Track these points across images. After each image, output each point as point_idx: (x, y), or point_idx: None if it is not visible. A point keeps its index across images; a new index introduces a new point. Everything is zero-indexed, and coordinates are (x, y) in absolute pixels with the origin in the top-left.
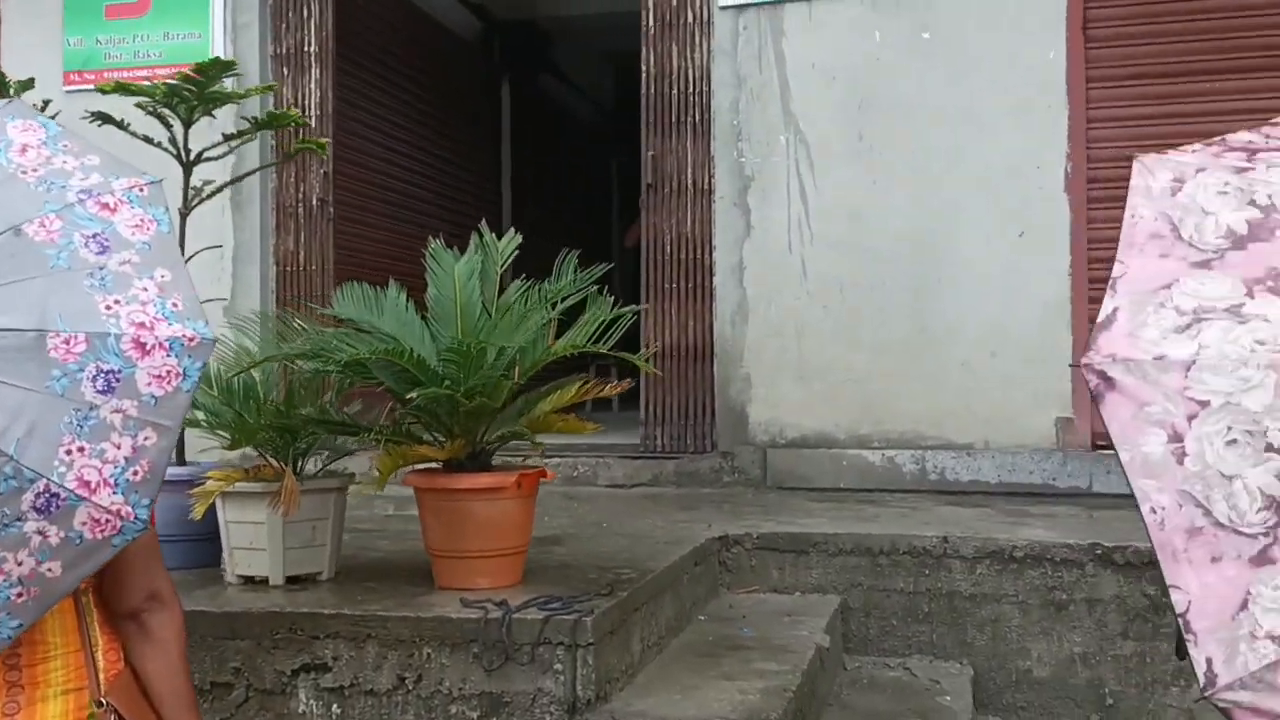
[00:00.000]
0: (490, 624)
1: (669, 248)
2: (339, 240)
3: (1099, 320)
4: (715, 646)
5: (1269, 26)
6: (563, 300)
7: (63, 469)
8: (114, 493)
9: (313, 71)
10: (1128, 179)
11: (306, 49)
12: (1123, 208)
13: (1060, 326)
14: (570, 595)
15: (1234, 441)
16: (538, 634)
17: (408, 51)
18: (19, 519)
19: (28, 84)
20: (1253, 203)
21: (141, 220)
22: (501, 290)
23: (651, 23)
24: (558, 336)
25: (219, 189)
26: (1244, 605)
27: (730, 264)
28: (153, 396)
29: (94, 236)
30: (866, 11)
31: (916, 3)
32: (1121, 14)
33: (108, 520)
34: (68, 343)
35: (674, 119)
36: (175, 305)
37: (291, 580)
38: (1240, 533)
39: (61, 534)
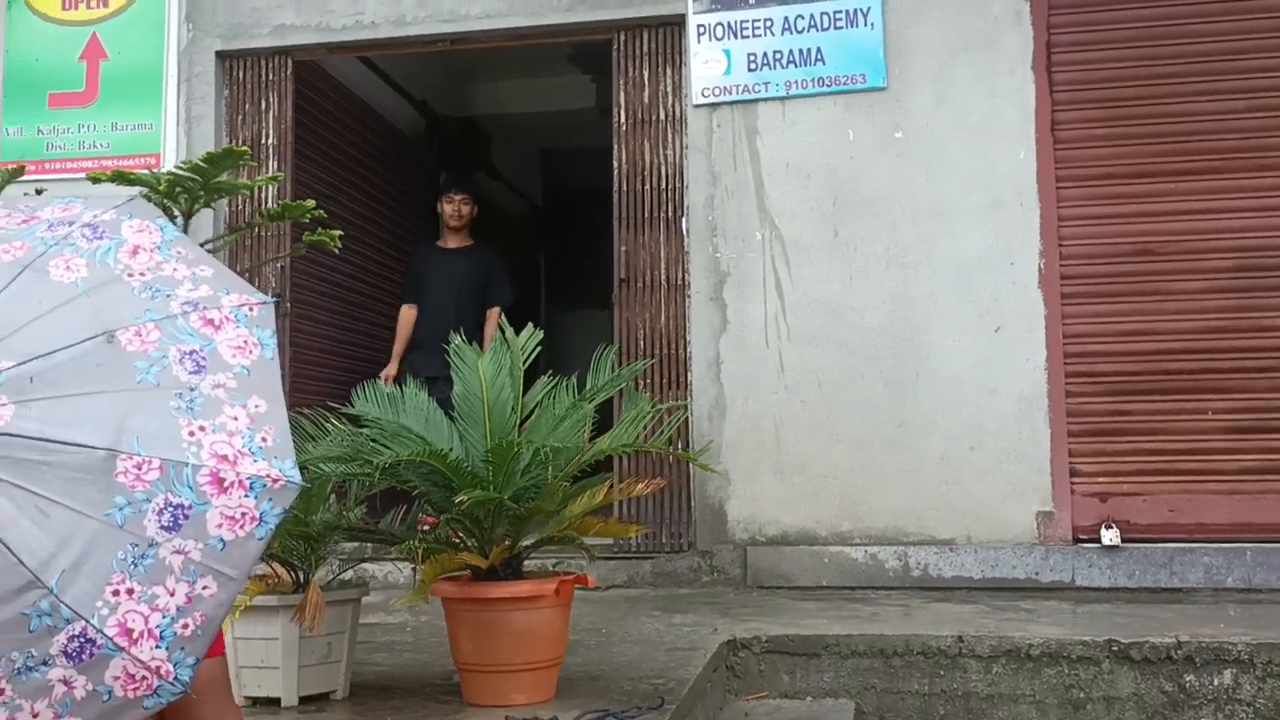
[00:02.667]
0: None
1: (643, 343)
2: (294, 337)
3: None
4: None
5: (1231, 130)
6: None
7: (105, 611)
8: (157, 646)
9: (270, 164)
10: (1099, 276)
11: (264, 141)
12: (1096, 303)
13: (1038, 420)
14: (622, 709)
15: None
16: None
17: (358, 146)
18: (45, 662)
19: (17, 171)
20: None
21: (245, 342)
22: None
23: (623, 119)
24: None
25: None
26: None
27: (707, 359)
28: (221, 540)
29: (191, 353)
30: (840, 111)
31: (889, 103)
32: (1088, 117)
33: (144, 678)
34: (140, 468)
35: (647, 214)
36: (265, 440)
37: (305, 700)
38: None
39: (89, 686)
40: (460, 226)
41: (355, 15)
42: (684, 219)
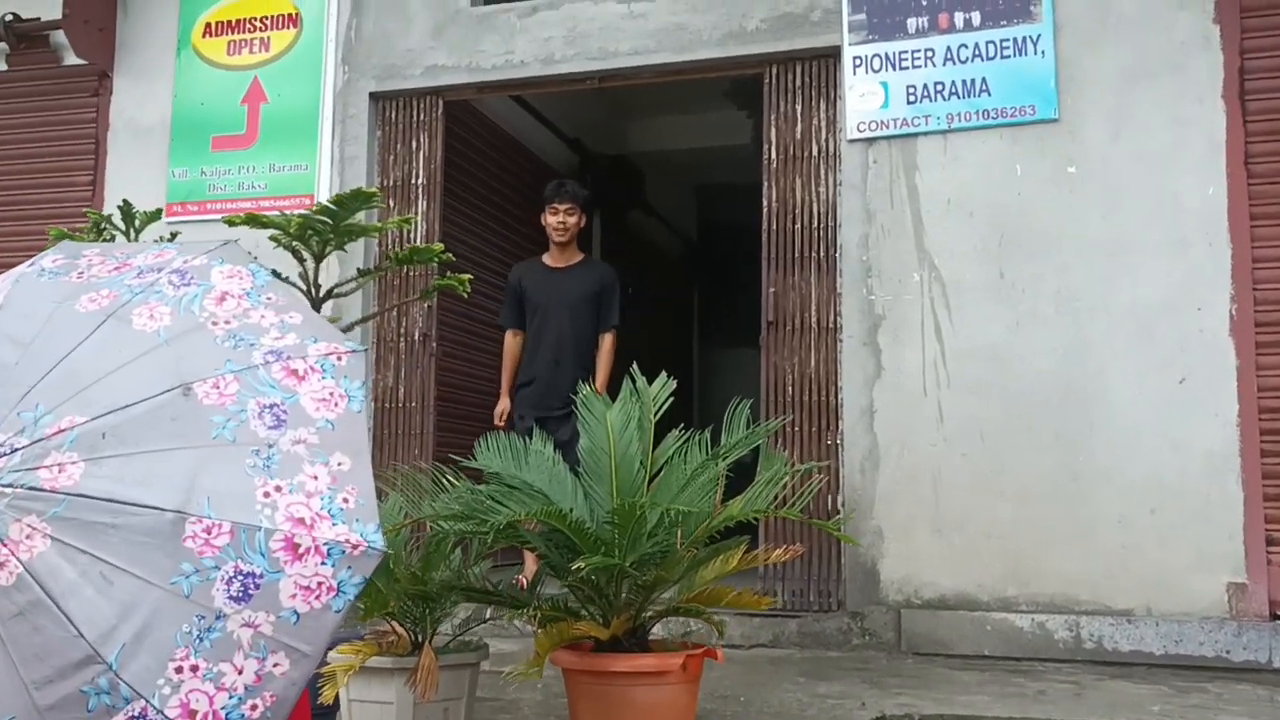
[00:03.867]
0: None
1: (791, 389)
2: (440, 376)
3: None
4: None
5: None
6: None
7: (167, 690)
8: None
9: (420, 203)
10: None
11: (414, 181)
12: None
13: (1229, 480)
14: None
15: None
16: None
17: (507, 184)
18: None
19: (155, 215)
20: None
21: (331, 394)
22: (655, 441)
23: (774, 155)
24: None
25: (351, 327)
26: None
27: (859, 407)
28: (295, 613)
29: (271, 407)
30: (1007, 145)
31: (1061, 136)
32: None
33: None
34: (209, 531)
35: (797, 254)
36: (346, 502)
37: None
38: None
39: None
40: (567, 240)
41: (505, 55)
42: (837, 259)
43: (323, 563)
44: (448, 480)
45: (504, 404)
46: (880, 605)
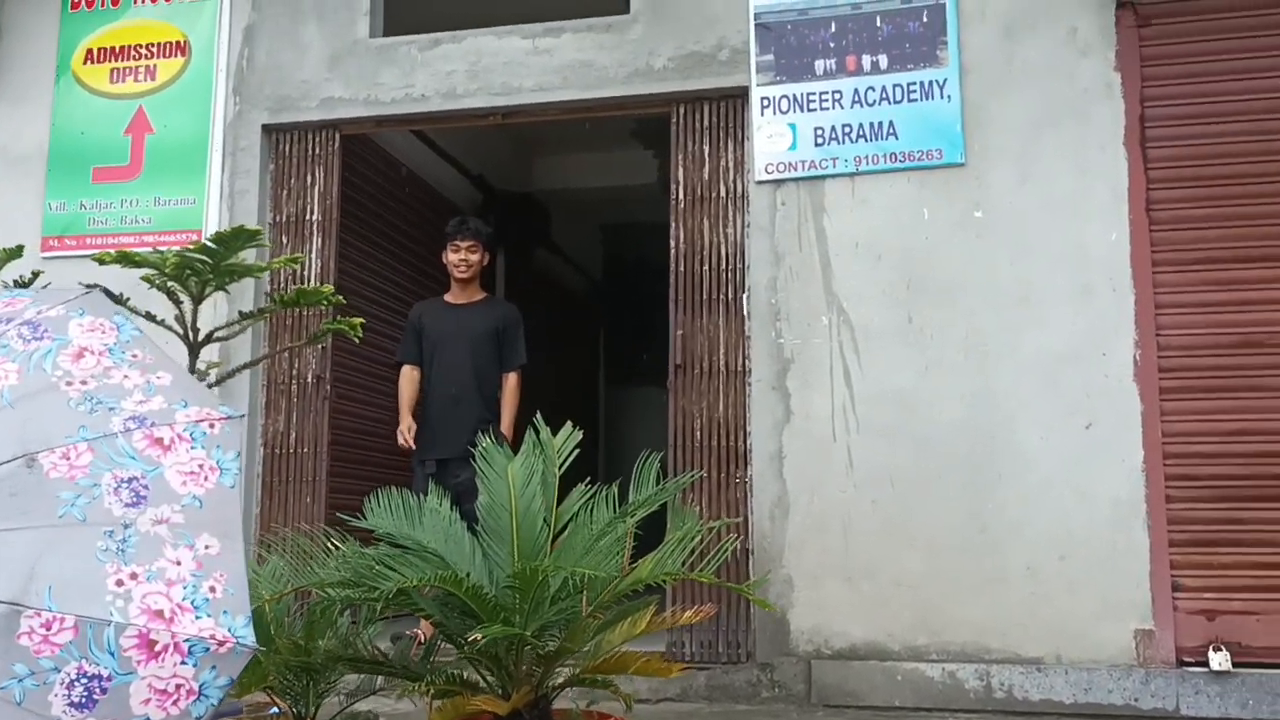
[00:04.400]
0: None
1: (699, 433)
2: (334, 420)
3: None
4: None
5: None
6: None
7: None
8: None
9: (314, 240)
10: (1202, 369)
11: (309, 217)
12: (1199, 399)
13: (1135, 528)
14: None
15: None
16: None
17: (408, 221)
18: None
19: (15, 252)
20: None
21: (200, 466)
22: (561, 492)
23: (682, 195)
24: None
25: (233, 373)
26: None
27: (768, 452)
28: None
29: (129, 481)
30: (914, 189)
31: (968, 180)
32: (1187, 196)
33: None
34: (49, 626)
35: (705, 296)
36: (213, 591)
37: None
38: None
39: None
40: (469, 278)
41: (405, 88)
42: (745, 301)
43: (182, 662)
44: (333, 545)
45: (407, 420)
46: (790, 656)
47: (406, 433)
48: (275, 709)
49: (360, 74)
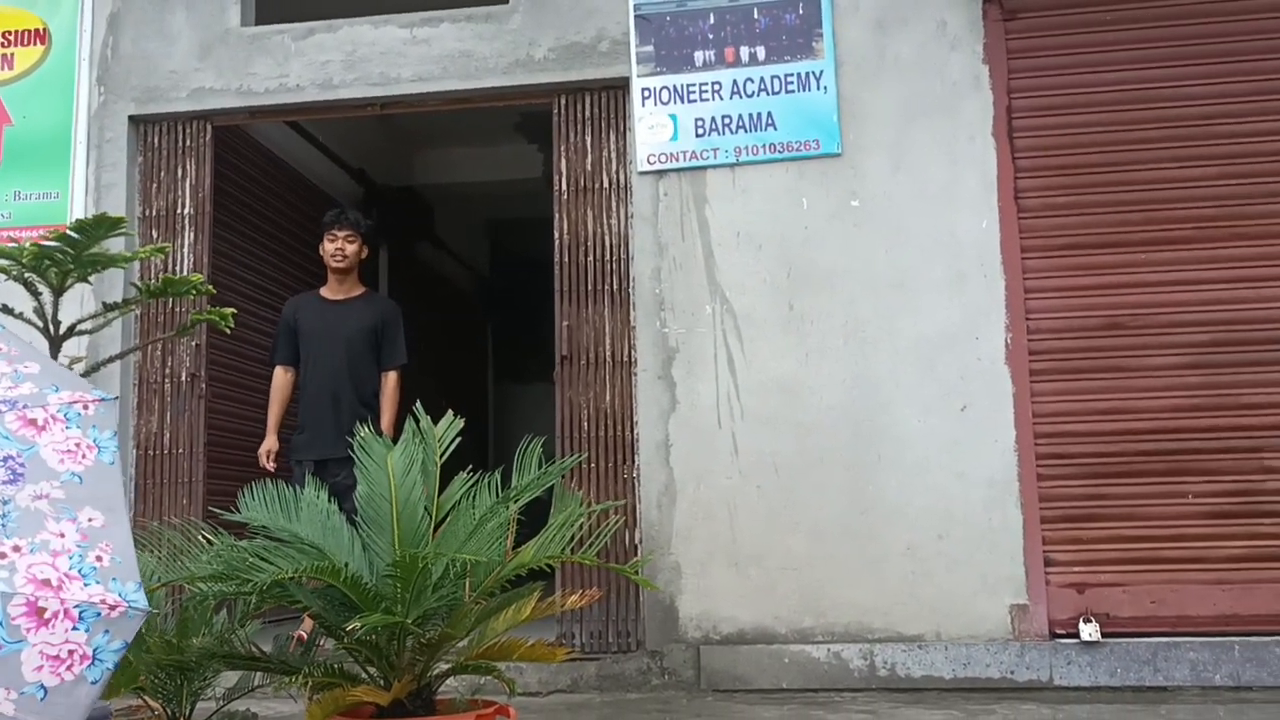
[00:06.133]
0: None
1: (587, 424)
2: (210, 419)
3: None
4: None
5: (1203, 199)
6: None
7: None
8: None
9: (186, 235)
10: (1069, 351)
11: (180, 210)
12: (1067, 380)
13: (1009, 506)
14: None
15: None
16: None
17: (286, 215)
18: None
19: None
20: None
21: (77, 445)
22: (442, 484)
23: (565, 187)
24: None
25: (97, 367)
26: None
27: (655, 441)
28: (41, 687)
29: (5, 460)
30: (793, 179)
31: (844, 170)
32: (1053, 185)
33: None
34: None
35: (590, 287)
36: (100, 560)
37: None
38: None
39: None
40: (345, 268)
41: (279, 78)
42: (630, 292)
43: (74, 628)
44: (204, 537)
45: (270, 442)
46: (680, 643)
47: (266, 456)
48: None
49: (232, 64)
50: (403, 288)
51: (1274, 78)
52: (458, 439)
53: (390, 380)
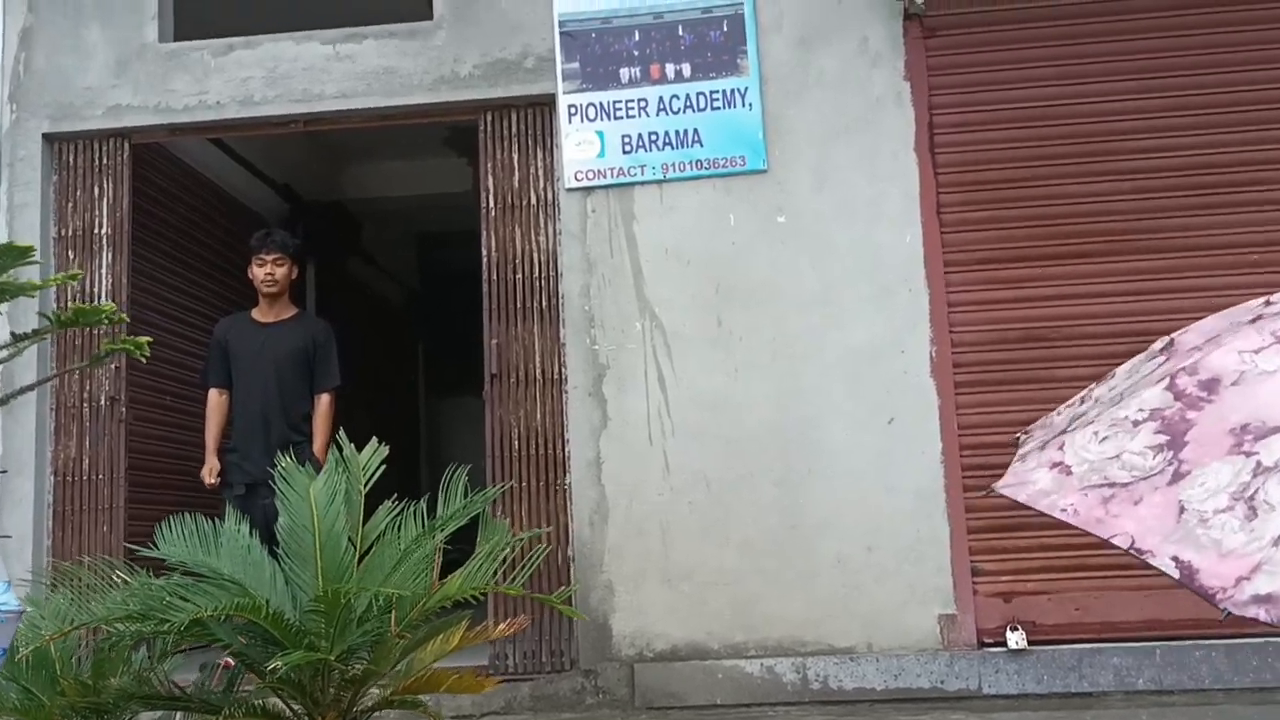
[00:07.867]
0: None
1: (517, 442)
2: (132, 444)
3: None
4: None
5: (1118, 212)
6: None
7: None
8: None
9: (104, 255)
10: (992, 363)
11: (97, 231)
12: (990, 392)
13: (936, 517)
14: None
15: (1105, 439)
16: None
17: (210, 234)
18: None
19: None
20: None
21: None
22: (370, 507)
23: (492, 204)
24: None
25: (8, 399)
26: (1181, 511)
27: (587, 459)
28: None
29: None
30: (720, 195)
31: (770, 186)
32: (973, 199)
33: None
34: None
35: (519, 304)
36: None
37: None
38: (1147, 477)
39: None
40: (277, 292)
41: (199, 95)
42: (559, 309)
43: None
44: (119, 576)
45: (212, 461)
46: (613, 661)
47: (210, 475)
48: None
49: (150, 80)
50: (331, 304)
51: (1185, 95)
52: (383, 466)
53: (323, 403)
